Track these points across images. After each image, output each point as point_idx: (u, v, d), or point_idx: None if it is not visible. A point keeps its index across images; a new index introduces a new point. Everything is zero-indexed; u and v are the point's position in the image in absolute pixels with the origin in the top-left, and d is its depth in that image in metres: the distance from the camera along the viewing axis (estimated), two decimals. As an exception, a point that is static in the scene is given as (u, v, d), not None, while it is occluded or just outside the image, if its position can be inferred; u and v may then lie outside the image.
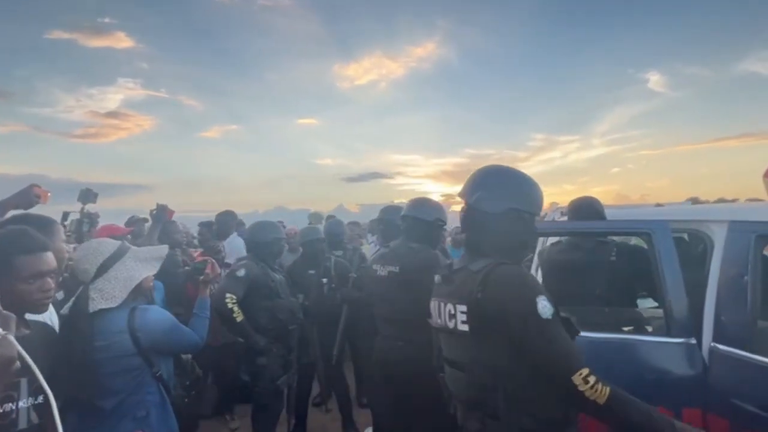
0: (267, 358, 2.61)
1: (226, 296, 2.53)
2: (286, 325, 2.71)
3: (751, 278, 1.63)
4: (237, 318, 2.53)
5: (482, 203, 1.35)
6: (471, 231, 1.40)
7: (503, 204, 1.33)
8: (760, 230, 1.68)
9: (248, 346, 2.61)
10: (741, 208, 2.32)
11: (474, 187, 1.38)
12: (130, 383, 1.54)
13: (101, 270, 1.56)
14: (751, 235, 1.67)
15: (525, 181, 1.40)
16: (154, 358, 1.60)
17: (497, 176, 1.41)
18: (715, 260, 1.77)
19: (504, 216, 1.33)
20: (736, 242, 1.72)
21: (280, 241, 2.92)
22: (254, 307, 2.62)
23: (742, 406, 1.53)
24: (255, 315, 2.62)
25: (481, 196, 1.35)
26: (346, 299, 3.17)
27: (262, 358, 2.60)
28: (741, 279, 1.65)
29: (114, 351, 1.50)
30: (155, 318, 1.62)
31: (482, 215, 1.35)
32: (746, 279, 1.63)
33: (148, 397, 1.58)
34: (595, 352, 1.54)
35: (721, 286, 1.72)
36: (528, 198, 1.38)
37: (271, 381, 2.63)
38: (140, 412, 1.55)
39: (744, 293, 1.62)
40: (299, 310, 2.90)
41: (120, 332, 1.52)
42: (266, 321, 2.65)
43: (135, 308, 1.58)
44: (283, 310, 2.71)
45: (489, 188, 1.36)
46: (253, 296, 2.64)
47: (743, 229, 1.72)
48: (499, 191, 1.35)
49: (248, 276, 2.63)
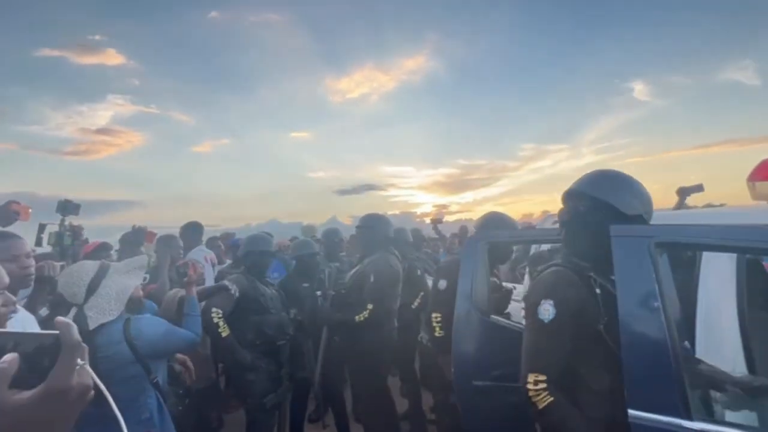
0: (255, 374, 2.56)
1: (212, 311, 2.50)
2: (274, 340, 2.67)
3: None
4: (222, 333, 2.49)
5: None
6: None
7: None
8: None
9: (235, 361, 2.56)
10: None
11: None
12: (131, 390, 1.62)
13: (91, 290, 1.61)
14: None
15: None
16: (152, 365, 1.67)
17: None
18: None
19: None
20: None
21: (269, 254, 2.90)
22: (242, 322, 2.58)
23: None
24: (243, 330, 2.58)
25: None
26: (324, 321, 2.97)
27: (250, 374, 2.55)
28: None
29: (115, 361, 1.59)
30: (149, 325, 1.71)
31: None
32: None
33: (148, 401, 1.66)
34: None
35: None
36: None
37: (260, 397, 2.58)
38: (144, 414, 1.64)
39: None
40: (289, 325, 2.86)
41: (118, 343, 1.60)
42: (254, 336, 2.60)
43: (129, 319, 1.67)
44: (272, 325, 2.66)
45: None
46: (241, 311, 2.60)
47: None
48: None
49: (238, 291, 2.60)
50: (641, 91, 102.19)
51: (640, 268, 1.31)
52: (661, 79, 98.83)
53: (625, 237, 1.37)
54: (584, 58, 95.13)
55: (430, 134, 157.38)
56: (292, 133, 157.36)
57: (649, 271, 1.30)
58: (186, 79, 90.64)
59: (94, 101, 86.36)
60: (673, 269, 1.81)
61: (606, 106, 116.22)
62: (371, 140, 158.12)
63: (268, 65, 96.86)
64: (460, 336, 1.90)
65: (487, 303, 1.93)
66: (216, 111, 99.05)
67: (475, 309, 1.89)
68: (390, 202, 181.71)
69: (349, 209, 63.69)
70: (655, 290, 1.28)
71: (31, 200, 2.15)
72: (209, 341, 2.69)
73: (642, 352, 1.27)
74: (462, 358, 1.88)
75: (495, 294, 2.18)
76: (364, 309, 2.73)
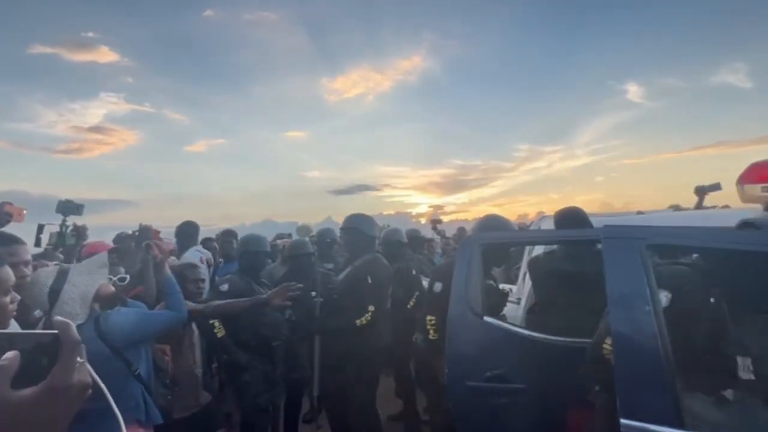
0: (250, 374, 2.56)
1: (207, 312, 2.49)
2: (269, 341, 2.67)
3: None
4: (218, 334, 2.49)
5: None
6: None
7: None
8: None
9: (230, 362, 2.56)
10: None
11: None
12: (115, 384, 1.60)
13: (53, 296, 1.60)
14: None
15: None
16: (132, 358, 1.69)
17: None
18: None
19: None
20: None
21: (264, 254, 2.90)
22: (237, 323, 2.57)
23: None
24: (238, 330, 2.57)
25: None
26: (319, 329, 2.85)
27: (245, 374, 2.55)
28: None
29: (93, 360, 1.51)
30: (118, 318, 1.70)
31: None
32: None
33: (133, 391, 1.69)
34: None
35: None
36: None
37: (255, 397, 2.58)
38: (131, 403, 1.66)
39: None
40: (284, 325, 2.86)
41: (92, 341, 1.58)
42: (249, 336, 2.60)
43: (98, 317, 1.66)
44: (267, 326, 2.66)
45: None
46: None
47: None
48: None
49: (231, 290, 2.59)
50: (635, 93, 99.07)
51: (632, 271, 1.30)
52: (655, 81, 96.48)
53: (617, 239, 1.37)
54: (579, 60, 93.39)
55: (426, 134, 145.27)
56: (288, 132, 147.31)
57: (640, 273, 1.29)
58: (180, 77, 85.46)
59: (87, 99, 79.65)
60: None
61: (600, 107, 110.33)
62: (367, 140, 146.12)
63: (263, 64, 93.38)
64: (455, 337, 1.90)
65: (482, 305, 1.94)
66: (210, 110, 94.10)
67: (469, 310, 1.90)
68: (385, 202, 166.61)
69: (344, 209, 62.12)
70: (646, 293, 1.26)
71: (24, 199, 2.14)
72: (200, 362, 2.53)
73: (633, 358, 1.24)
74: (456, 359, 1.89)
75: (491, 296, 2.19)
76: (364, 312, 2.65)
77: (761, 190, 2.09)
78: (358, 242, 2.89)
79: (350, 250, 2.98)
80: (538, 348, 1.74)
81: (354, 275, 2.77)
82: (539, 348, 1.74)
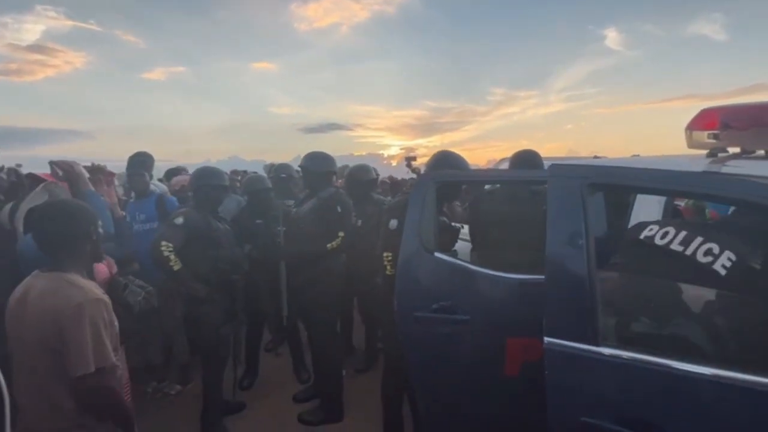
0: (209, 305, 2.59)
1: (161, 244, 2.47)
2: (228, 275, 2.68)
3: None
4: (174, 267, 2.47)
5: None
6: None
7: None
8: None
9: (188, 295, 2.57)
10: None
11: None
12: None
13: None
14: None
15: None
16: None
17: None
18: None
19: None
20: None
21: (222, 188, 2.82)
22: (195, 257, 2.57)
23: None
24: (196, 264, 2.57)
25: None
26: (284, 256, 3.06)
27: (203, 306, 2.57)
28: None
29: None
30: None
31: None
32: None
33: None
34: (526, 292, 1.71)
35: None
36: None
37: (215, 329, 2.63)
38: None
39: None
40: (244, 260, 2.86)
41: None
42: (207, 270, 2.60)
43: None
44: (225, 260, 2.66)
45: None
46: (193, 245, 2.57)
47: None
48: None
49: (187, 224, 2.56)
50: (613, 40, 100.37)
51: (570, 207, 1.37)
52: (634, 28, 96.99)
53: (560, 177, 1.41)
54: (560, 1, 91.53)
55: (401, 73, 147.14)
56: (254, 63, 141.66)
57: (578, 210, 1.35)
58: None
59: (20, 12, 68.99)
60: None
61: (578, 53, 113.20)
62: (339, 76, 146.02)
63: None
64: (405, 272, 1.95)
65: (434, 241, 1.98)
66: (168, 34, 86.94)
67: (421, 246, 1.94)
68: (357, 143, 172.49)
69: (314, 148, 60.77)
70: (581, 229, 1.34)
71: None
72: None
73: (562, 285, 1.35)
74: (406, 292, 1.95)
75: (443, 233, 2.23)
76: (335, 237, 2.83)
77: (707, 137, 2.15)
78: (309, 180, 3.02)
79: (311, 184, 3.04)
80: (481, 282, 1.82)
81: (322, 205, 2.89)
82: (482, 282, 1.81)
